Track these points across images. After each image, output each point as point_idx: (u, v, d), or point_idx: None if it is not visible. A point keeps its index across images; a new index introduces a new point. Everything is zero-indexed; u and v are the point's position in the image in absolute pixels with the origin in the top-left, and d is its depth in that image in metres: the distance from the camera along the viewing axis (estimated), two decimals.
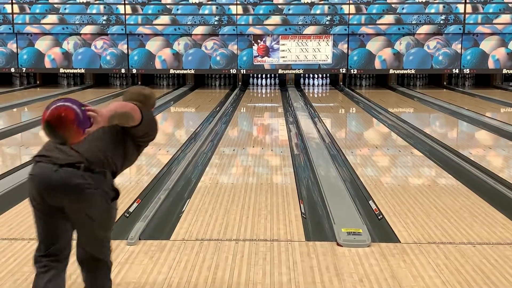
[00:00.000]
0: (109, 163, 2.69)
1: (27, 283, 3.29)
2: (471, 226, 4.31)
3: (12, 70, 15.81)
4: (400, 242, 3.97)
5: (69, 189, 2.56)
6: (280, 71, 15.76)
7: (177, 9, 15.39)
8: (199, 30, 15.43)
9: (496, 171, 6.07)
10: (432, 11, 15.25)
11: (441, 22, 15.25)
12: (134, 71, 15.59)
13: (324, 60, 15.57)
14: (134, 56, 15.59)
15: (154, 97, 3.12)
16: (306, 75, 16.28)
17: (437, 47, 15.44)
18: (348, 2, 15.27)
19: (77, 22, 15.44)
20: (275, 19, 15.40)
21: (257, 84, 16.30)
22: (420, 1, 15.25)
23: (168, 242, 3.96)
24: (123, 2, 15.31)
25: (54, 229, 2.67)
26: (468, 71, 15.64)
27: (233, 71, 15.65)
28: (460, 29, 15.26)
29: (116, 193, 2.71)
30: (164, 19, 15.42)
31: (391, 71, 15.73)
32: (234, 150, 7.31)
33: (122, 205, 4.66)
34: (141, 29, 15.46)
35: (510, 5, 15.16)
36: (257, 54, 15.56)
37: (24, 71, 15.87)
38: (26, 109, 11.84)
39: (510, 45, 15.38)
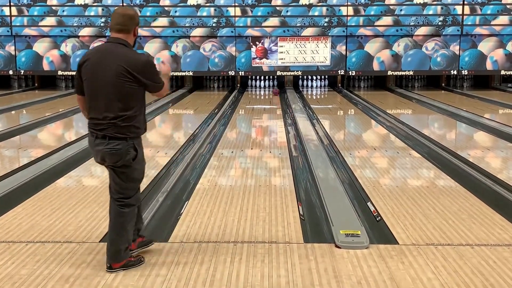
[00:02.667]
0: None
1: (25, 286, 3.28)
2: (470, 227, 4.31)
3: (10, 72, 15.79)
4: (398, 243, 3.97)
5: None
6: (278, 73, 15.75)
7: (175, 11, 15.39)
8: (198, 32, 15.43)
9: (495, 173, 6.07)
10: (430, 12, 15.26)
11: (439, 23, 15.26)
12: None
13: (323, 62, 15.58)
14: None
15: (138, 16, 3.64)
16: (305, 76, 16.27)
17: (435, 48, 15.45)
18: (346, 3, 15.28)
19: (75, 24, 15.44)
20: (273, 21, 15.40)
21: (255, 86, 16.30)
22: (418, 2, 15.27)
23: (166, 244, 3.95)
24: (121, 4, 15.30)
25: None
26: (466, 73, 15.65)
27: (232, 73, 15.65)
28: (458, 30, 15.27)
29: None
30: (162, 21, 15.42)
31: (389, 73, 15.74)
32: (232, 152, 7.31)
33: None
34: (139, 31, 15.40)
35: (508, 6, 15.18)
36: (255, 56, 15.56)
37: (22, 73, 15.83)
38: (24, 112, 11.83)
39: (508, 46, 15.40)
